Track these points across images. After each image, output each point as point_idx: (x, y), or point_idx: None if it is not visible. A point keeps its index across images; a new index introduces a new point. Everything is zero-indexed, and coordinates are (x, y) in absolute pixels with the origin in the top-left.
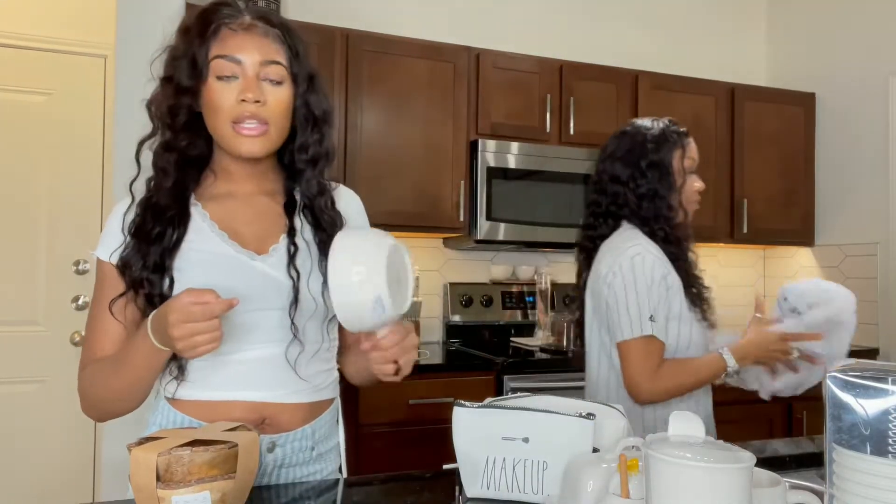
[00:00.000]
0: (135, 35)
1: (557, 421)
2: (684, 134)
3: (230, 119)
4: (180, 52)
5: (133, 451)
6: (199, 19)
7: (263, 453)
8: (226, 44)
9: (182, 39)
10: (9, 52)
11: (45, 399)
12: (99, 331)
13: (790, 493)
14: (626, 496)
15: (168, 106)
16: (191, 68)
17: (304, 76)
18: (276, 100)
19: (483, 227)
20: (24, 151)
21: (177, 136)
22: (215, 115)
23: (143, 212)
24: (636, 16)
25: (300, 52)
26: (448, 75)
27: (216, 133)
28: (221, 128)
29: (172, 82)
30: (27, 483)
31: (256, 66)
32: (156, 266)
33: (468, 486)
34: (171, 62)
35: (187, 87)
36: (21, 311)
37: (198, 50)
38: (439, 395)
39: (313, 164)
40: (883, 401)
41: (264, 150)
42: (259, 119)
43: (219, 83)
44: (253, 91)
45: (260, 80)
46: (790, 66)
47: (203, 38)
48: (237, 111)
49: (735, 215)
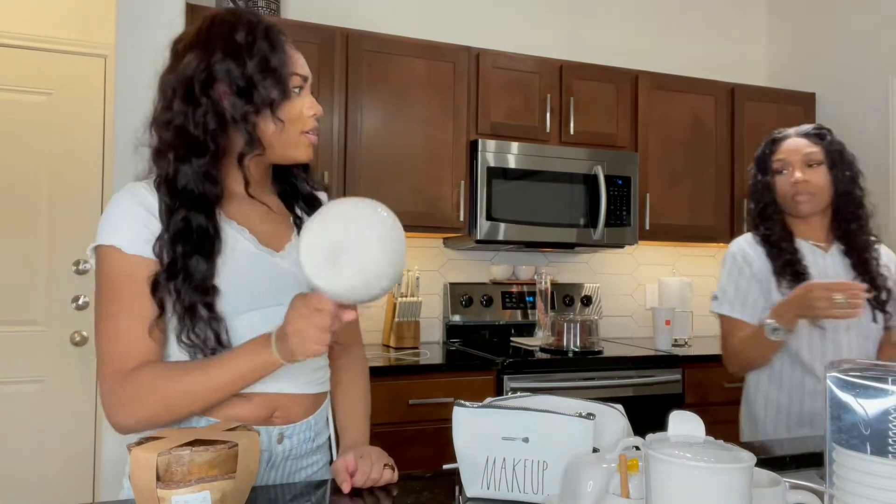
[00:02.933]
0: (135, 35)
1: (557, 421)
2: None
3: (302, 129)
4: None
5: (133, 451)
6: (265, 32)
7: (273, 444)
8: (294, 59)
9: (245, 51)
10: (9, 52)
11: (45, 399)
12: (127, 329)
13: (790, 493)
14: (626, 496)
15: (242, 114)
16: (279, 83)
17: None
18: None
19: (483, 227)
20: (24, 151)
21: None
22: (292, 125)
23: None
24: (636, 16)
25: None
26: (448, 75)
27: (282, 141)
28: (292, 136)
29: (251, 96)
30: (27, 483)
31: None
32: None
33: (468, 486)
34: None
35: (273, 100)
36: (21, 311)
37: (280, 65)
38: (439, 395)
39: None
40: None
41: None
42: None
43: (295, 96)
44: (318, 106)
45: None
46: (790, 66)
47: (279, 52)
48: (311, 122)
49: (735, 215)
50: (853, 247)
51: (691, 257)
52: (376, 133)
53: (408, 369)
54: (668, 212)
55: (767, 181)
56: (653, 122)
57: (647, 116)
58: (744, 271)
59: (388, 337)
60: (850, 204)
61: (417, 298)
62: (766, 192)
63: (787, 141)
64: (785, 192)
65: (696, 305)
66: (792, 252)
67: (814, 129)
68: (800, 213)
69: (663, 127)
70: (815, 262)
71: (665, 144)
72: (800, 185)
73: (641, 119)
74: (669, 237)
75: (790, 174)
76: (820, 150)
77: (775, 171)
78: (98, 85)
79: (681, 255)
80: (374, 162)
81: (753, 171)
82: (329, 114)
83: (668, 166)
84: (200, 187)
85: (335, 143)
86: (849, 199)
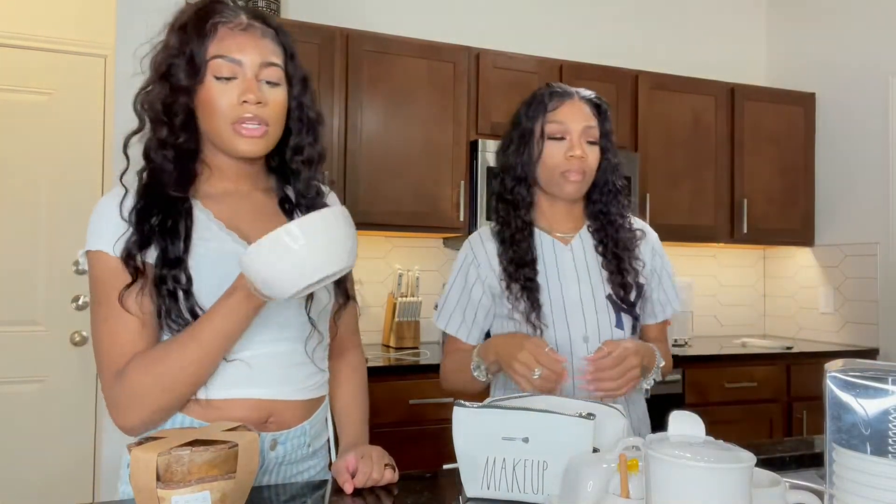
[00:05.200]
0: (135, 35)
1: (557, 421)
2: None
3: (230, 120)
4: (175, 49)
5: (133, 451)
6: (195, 16)
7: (266, 451)
8: (224, 44)
9: (177, 37)
10: (9, 52)
11: (45, 399)
12: (121, 330)
13: (790, 493)
14: (626, 496)
15: (164, 104)
16: (188, 67)
17: (298, 78)
18: (274, 101)
19: (482, 225)
20: (24, 151)
21: (174, 134)
22: (214, 115)
23: (146, 203)
24: (636, 16)
25: (294, 53)
26: (448, 75)
27: (213, 132)
28: (220, 128)
29: (168, 80)
30: (27, 483)
31: (255, 68)
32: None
33: (468, 486)
34: (167, 59)
35: (185, 87)
36: (21, 311)
37: (196, 48)
38: (439, 395)
39: (308, 165)
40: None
41: (264, 150)
42: (260, 120)
43: (217, 83)
44: (254, 93)
45: (259, 80)
46: (790, 66)
47: (201, 37)
48: (238, 112)
49: (735, 215)
50: (607, 241)
51: (691, 257)
52: (376, 133)
53: (408, 369)
54: (667, 212)
55: (532, 148)
56: (653, 122)
57: (646, 116)
58: (470, 276)
59: (388, 337)
60: (613, 193)
61: (417, 298)
62: (525, 163)
63: (570, 101)
64: (554, 164)
65: (695, 306)
66: (526, 253)
67: (595, 97)
68: (564, 195)
69: (663, 127)
70: (554, 259)
71: (665, 144)
72: (577, 161)
73: (641, 119)
74: (669, 237)
75: (568, 144)
76: (597, 125)
77: (549, 135)
78: (98, 85)
79: (680, 255)
80: (374, 162)
81: (509, 132)
82: (329, 114)
83: (667, 166)
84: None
85: (335, 143)
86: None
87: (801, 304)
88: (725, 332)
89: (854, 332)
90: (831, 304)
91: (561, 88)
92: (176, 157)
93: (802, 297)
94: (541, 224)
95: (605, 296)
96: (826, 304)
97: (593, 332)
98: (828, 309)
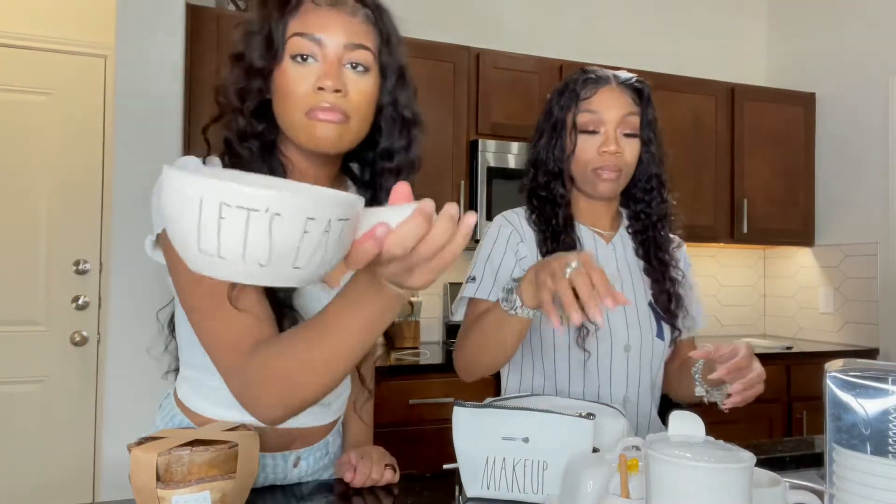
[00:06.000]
0: (135, 35)
1: (557, 421)
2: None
3: (304, 109)
4: (255, 27)
5: (133, 451)
6: None
7: (289, 468)
8: (307, 20)
9: (258, 12)
10: (9, 52)
11: (45, 399)
12: (227, 319)
13: (790, 493)
14: (626, 496)
15: (237, 89)
16: (265, 46)
17: (393, 67)
18: (358, 90)
19: (483, 226)
20: (24, 151)
21: (251, 123)
22: (287, 102)
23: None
24: (636, 16)
25: (392, 38)
26: (448, 75)
27: (286, 122)
28: (292, 117)
29: (244, 61)
30: (27, 483)
31: (340, 49)
32: None
33: (468, 486)
34: (244, 38)
35: (260, 69)
36: (21, 311)
37: (275, 25)
38: (439, 395)
39: (396, 174)
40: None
41: (341, 140)
42: (338, 110)
43: (294, 66)
44: (333, 78)
45: (342, 65)
46: (790, 65)
47: (282, 12)
48: (312, 100)
49: (735, 215)
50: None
51: (691, 257)
52: None
53: (408, 369)
54: None
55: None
56: None
57: None
58: (520, 251)
59: None
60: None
61: (417, 298)
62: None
63: (605, 88)
64: (586, 160)
65: None
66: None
67: (637, 80)
68: (597, 194)
69: (663, 127)
70: (595, 256)
71: (665, 144)
72: (611, 157)
73: None
74: None
75: (603, 138)
76: (638, 114)
77: (581, 127)
78: (98, 85)
79: None
80: None
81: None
82: None
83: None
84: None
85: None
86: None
87: (801, 304)
88: (725, 332)
89: (854, 332)
90: (831, 304)
91: (595, 73)
92: (262, 148)
93: (802, 297)
94: (580, 219)
95: (648, 303)
96: (826, 304)
97: (635, 341)
98: (828, 309)
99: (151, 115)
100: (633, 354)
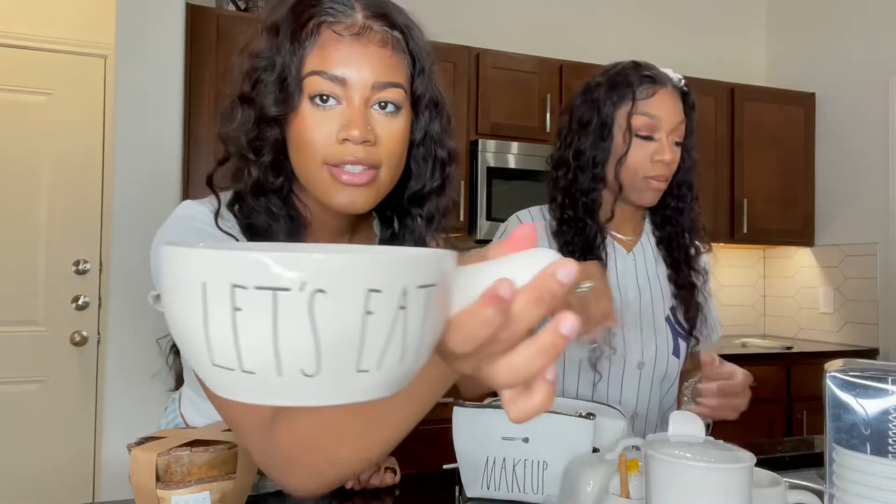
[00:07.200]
0: (135, 35)
1: (557, 421)
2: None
3: (325, 160)
4: (264, 62)
5: (133, 451)
6: (290, 12)
7: None
8: (326, 54)
9: (268, 41)
10: (9, 52)
11: (45, 399)
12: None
13: (790, 493)
14: (626, 496)
15: (249, 140)
16: (279, 89)
17: (428, 100)
18: (389, 135)
19: (483, 227)
20: (24, 151)
21: (268, 177)
22: (305, 152)
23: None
24: (636, 16)
25: (426, 66)
26: (448, 75)
27: (303, 173)
28: (310, 169)
29: (254, 107)
30: (27, 483)
31: (367, 90)
32: None
33: (468, 486)
34: (251, 75)
35: (274, 117)
36: (21, 311)
37: (288, 59)
38: None
39: (428, 222)
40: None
41: (369, 202)
42: (366, 164)
43: (313, 109)
44: (359, 127)
45: (369, 107)
46: (790, 66)
47: (297, 42)
48: (336, 153)
49: (735, 215)
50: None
51: None
52: None
53: None
54: None
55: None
56: None
57: None
58: None
59: None
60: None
61: None
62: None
63: (663, 91)
64: (637, 167)
65: None
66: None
67: (686, 85)
68: (642, 201)
69: None
70: (614, 266)
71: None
72: (663, 166)
73: None
74: None
75: (658, 146)
76: (685, 122)
77: (636, 131)
78: (98, 85)
79: None
80: None
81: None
82: None
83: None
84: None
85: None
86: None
87: (801, 304)
88: (725, 332)
89: (854, 332)
90: (831, 304)
91: (652, 71)
92: (281, 201)
93: (802, 297)
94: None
95: (665, 317)
96: (826, 304)
97: (649, 358)
98: (828, 309)
99: (151, 115)
100: (647, 371)
